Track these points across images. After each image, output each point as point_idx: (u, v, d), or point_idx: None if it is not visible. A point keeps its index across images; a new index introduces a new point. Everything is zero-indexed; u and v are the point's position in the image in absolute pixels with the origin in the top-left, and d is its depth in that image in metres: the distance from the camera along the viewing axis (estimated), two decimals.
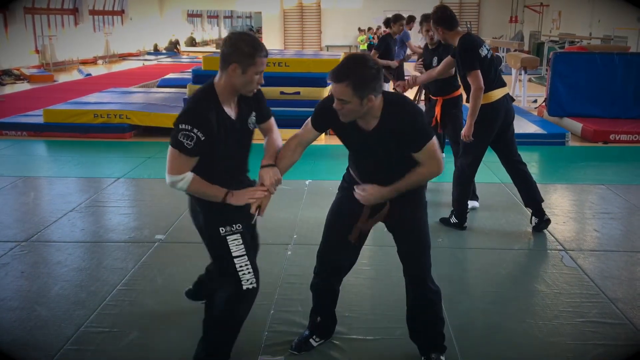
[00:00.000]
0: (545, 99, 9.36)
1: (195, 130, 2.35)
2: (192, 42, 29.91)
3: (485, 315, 3.31)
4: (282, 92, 7.87)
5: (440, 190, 5.51)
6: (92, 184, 6.01)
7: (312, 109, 2.65)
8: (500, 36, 25.48)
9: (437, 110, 5.09)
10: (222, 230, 2.55)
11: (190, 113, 2.41)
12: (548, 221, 4.61)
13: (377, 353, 2.95)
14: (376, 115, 2.45)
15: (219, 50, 2.49)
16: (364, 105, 2.36)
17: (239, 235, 2.57)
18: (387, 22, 8.20)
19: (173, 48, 26.25)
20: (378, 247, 4.26)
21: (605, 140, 7.89)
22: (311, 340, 3.02)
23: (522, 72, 10.68)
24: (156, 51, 25.93)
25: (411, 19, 8.94)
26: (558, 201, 5.45)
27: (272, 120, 2.79)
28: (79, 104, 9.08)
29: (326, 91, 8.16)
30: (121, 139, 8.10)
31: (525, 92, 10.83)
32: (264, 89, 2.42)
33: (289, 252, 4.19)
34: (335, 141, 8.53)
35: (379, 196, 2.57)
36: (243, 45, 2.38)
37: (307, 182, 5.93)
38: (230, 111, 2.52)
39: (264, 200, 2.57)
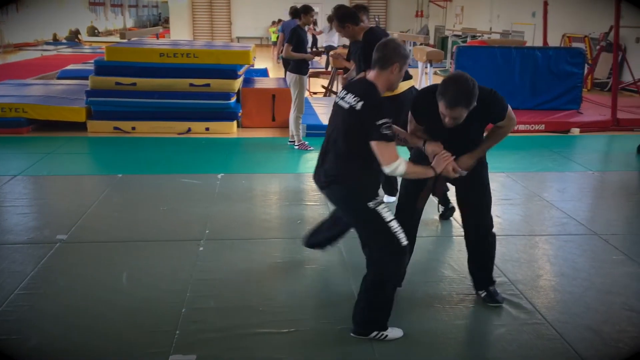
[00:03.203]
0: None
1: (389, 120, 2.80)
2: (93, 31, 28.57)
3: (395, 301, 3.39)
4: (191, 84, 7.68)
5: None
6: None
7: (223, 102, 2.66)
8: (407, 30, 26.23)
9: None
10: (371, 204, 2.89)
11: (381, 107, 2.82)
12: (453, 209, 4.80)
13: (291, 345, 2.96)
14: None
15: (124, 40, 2.42)
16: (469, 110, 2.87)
17: (384, 204, 2.94)
18: (296, 13, 8.06)
19: (74, 38, 24.96)
20: (290, 240, 4.27)
21: None
22: None
23: (428, 65, 11.00)
24: (55, 41, 24.54)
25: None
26: None
27: None
28: None
29: (237, 83, 8.04)
30: (17, 134, 7.61)
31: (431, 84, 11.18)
32: (173, 81, 2.34)
33: (201, 248, 4.11)
34: (247, 134, 8.38)
35: (473, 158, 3.18)
36: (401, 50, 2.95)
37: (219, 176, 5.84)
38: None
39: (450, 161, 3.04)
